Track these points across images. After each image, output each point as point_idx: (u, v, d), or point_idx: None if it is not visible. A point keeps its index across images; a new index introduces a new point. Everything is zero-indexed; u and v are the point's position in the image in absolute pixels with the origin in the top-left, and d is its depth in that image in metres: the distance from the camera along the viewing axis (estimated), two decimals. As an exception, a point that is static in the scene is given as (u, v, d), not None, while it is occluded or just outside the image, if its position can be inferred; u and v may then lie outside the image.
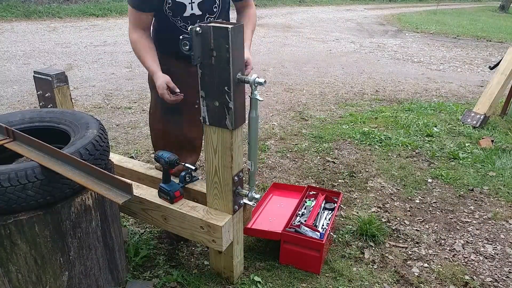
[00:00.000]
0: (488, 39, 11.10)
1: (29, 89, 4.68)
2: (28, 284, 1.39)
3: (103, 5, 11.45)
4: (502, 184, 2.97)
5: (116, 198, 1.24)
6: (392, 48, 9.06)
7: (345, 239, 2.28)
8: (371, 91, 5.55)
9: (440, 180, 3.01)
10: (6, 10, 9.56)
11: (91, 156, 1.46)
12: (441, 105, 4.85)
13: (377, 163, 3.24)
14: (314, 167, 3.17)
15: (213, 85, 1.49)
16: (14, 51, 6.49)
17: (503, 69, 4.22)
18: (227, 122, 1.52)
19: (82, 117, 1.71)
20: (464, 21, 15.73)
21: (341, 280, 1.96)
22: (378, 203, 2.68)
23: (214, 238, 1.68)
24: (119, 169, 2.15)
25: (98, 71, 5.74)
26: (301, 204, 2.31)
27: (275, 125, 4.04)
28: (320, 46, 8.86)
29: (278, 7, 16.67)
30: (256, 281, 1.90)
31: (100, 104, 4.41)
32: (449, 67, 7.44)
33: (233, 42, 1.39)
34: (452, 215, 2.59)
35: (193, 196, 1.94)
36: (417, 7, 22.53)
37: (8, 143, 1.52)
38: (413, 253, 2.20)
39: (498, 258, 2.19)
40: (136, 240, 2.16)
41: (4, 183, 1.26)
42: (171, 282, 1.87)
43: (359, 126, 4.04)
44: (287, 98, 5.02)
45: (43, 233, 1.35)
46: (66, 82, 2.01)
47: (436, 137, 3.82)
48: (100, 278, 1.63)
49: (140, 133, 3.67)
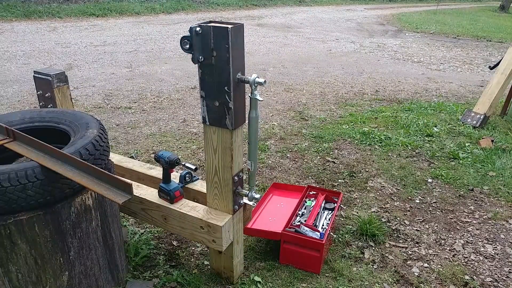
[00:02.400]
0: (488, 39, 11.10)
1: (29, 89, 4.68)
2: (28, 284, 1.39)
3: (103, 5, 11.45)
4: (502, 184, 2.97)
5: (116, 198, 1.24)
6: (392, 48, 9.06)
7: (345, 239, 2.27)
8: (371, 91, 5.55)
9: (440, 180, 3.01)
10: (6, 10, 9.57)
11: (91, 156, 1.46)
12: (441, 105, 4.85)
13: (377, 163, 3.24)
14: (314, 167, 3.17)
15: (213, 85, 1.49)
16: (14, 51, 6.49)
17: (503, 69, 4.22)
18: (227, 122, 1.52)
19: (82, 117, 1.71)
20: (464, 21, 15.73)
21: (341, 280, 1.96)
22: (378, 203, 2.68)
23: (214, 238, 1.68)
24: (119, 169, 2.15)
25: (98, 71, 5.74)
26: (301, 204, 2.31)
27: (275, 125, 4.04)
28: (320, 46, 8.86)
29: (278, 7, 16.67)
30: (256, 281, 1.90)
31: (100, 104, 4.41)
32: (449, 67, 7.44)
33: (233, 42, 1.39)
34: (452, 215, 2.59)
35: (193, 196, 1.94)
36: (417, 7, 22.52)
37: (8, 143, 1.52)
38: (413, 253, 2.20)
39: (498, 258, 2.19)
40: (136, 240, 2.16)
41: (4, 183, 1.26)
42: (171, 282, 1.87)
43: (359, 126, 4.04)
44: (287, 98, 5.02)
45: (43, 233, 1.35)
46: (66, 82, 2.01)
47: (436, 137, 3.82)
48: (100, 278, 1.63)
49: (140, 133, 3.67)
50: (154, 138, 3.57)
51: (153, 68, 6.10)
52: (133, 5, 12.09)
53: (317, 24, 12.37)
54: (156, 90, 5.01)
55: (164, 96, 4.81)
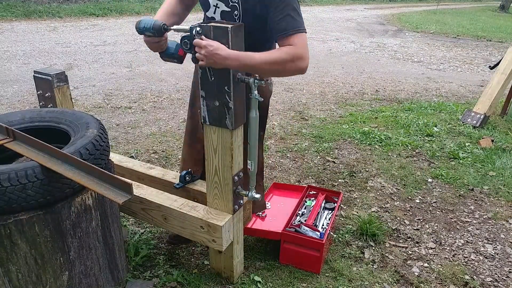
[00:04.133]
0: (488, 39, 11.09)
1: (29, 88, 4.68)
2: (28, 284, 1.39)
3: (103, 5, 11.45)
4: (502, 183, 2.97)
5: (116, 198, 1.24)
6: (392, 48, 9.06)
7: (345, 239, 2.27)
8: (371, 90, 5.55)
9: (440, 179, 3.01)
10: (6, 10, 9.56)
11: (91, 156, 1.46)
12: (441, 104, 4.85)
13: (377, 163, 3.24)
14: (314, 166, 3.17)
15: (213, 85, 1.49)
16: (14, 51, 6.49)
17: (503, 69, 4.22)
18: (227, 122, 1.52)
19: (82, 116, 1.71)
20: (464, 20, 15.73)
21: (341, 280, 1.96)
22: (378, 203, 2.68)
23: (214, 238, 1.68)
24: (119, 169, 2.14)
25: (98, 71, 5.74)
26: (301, 204, 2.31)
27: (275, 125, 4.04)
28: (320, 46, 8.86)
29: (278, 7, 16.62)
30: (256, 280, 1.90)
31: (100, 104, 4.41)
32: (449, 66, 7.44)
33: (233, 42, 1.39)
34: (452, 214, 2.59)
35: (193, 196, 1.94)
36: (417, 6, 22.52)
37: (8, 142, 1.52)
38: (413, 253, 2.20)
39: (498, 258, 2.19)
40: (136, 239, 2.16)
41: (4, 182, 1.26)
42: (171, 281, 1.87)
43: (359, 126, 4.03)
44: (287, 98, 5.02)
45: (43, 233, 1.35)
46: (66, 81, 2.01)
47: (436, 137, 3.82)
48: (100, 278, 1.63)
49: (140, 133, 3.67)
50: (154, 138, 3.57)
51: (153, 67, 6.10)
52: (133, 5, 12.08)
53: (317, 24, 12.36)
54: (156, 90, 5.01)
55: (164, 95, 4.81)
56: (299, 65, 1.45)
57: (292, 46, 1.44)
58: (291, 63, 1.43)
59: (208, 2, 1.62)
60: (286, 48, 1.44)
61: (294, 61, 1.43)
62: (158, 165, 3.03)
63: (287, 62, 1.43)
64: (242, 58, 1.39)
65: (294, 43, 1.44)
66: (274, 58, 1.43)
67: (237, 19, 1.57)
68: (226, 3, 1.57)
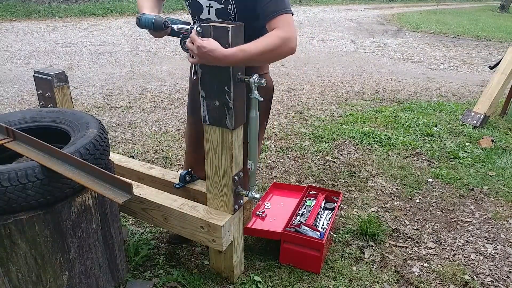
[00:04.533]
0: (488, 39, 11.09)
1: (29, 88, 4.68)
2: (28, 284, 1.39)
3: (103, 5, 11.44)
4: (502, 183, 2.97)
5: (116, 197, 1.24)
6: (392, 48, 9.06)
7: (345, 238, 2.27)
8: (371, 90, 5.54)
9: (440, 179, 3.01)
10: (6, 9, 9.56)
11: (91, 156, 1.46)
12: (441, 104, 4.85)
13: (377, 163, 3.24)
14: (314, 166, 3.17)
15: (213, 85, 1.49)
16: (14, 51, 6.49)
17: (503, 69, 4.22)
18: (227, 121, 1.52)
19: (82, 116, 1.71)
20: (464, 20, 15.72)
21: (341, 279, 1.96)
22: (378, 203, 2.68)
23: (214, 237, 1.68)
24: (119, 169, 2.15)
25: (98, 71, 5.74)
26: (301, 204, 2.31)
27: (275, 125, 4.04)
28: (320, 46, 8.86)
29: (278, 7, 16.62)
30: (256, 280, 1.90)
31: (100, 104, 4.41)
32: (449, 66, 7.44)
33: (233, 42, 1.39)
34: (452, 214, 2.59)
35: (193, 196, 1.94)
36: (417, 6, 22.51)
37: (8, 142, 1.52)
38: (413, 253, 2.20)
39: (498, 258, 2.19)
40: (136, 239, 2.16)
41: (4, 182, 1.26)
42: (171, 281, 1.87)
43: (359, 126, 4.03)
44: (287, 98, 5.02)
45: (43, 233, 1.35)
46: (66, 81, 2.01)
47: (436, 137, 3.82)
48: (100, 278, 1.63)
49: (140, 133, 3.67)
50: (154, 138, 3.57)
51: (153, 67, 6.10)
52: (133, 5, 12.07)
53: (317, 24, 12.36)
54: (156, 90, 5.01)
55: (164, 95, 4.81)
56: (290, 45, 1.48)
57: (280, 28, 1.47)
58: (284, 46, 1.47)
59: (200, 4, 1.64)
60: (275, 31, 1.47)
61: (287, 44, 1.47)
62: (158, 165, 3.03)
63: (280, 46, 1.46)
64: (237, 55, 1.40)
65: (281, 24, 1.47)
66: (269, 46, 1.44)
67: (232, 13, 1.59)
68: (218, 0, 1.59)
